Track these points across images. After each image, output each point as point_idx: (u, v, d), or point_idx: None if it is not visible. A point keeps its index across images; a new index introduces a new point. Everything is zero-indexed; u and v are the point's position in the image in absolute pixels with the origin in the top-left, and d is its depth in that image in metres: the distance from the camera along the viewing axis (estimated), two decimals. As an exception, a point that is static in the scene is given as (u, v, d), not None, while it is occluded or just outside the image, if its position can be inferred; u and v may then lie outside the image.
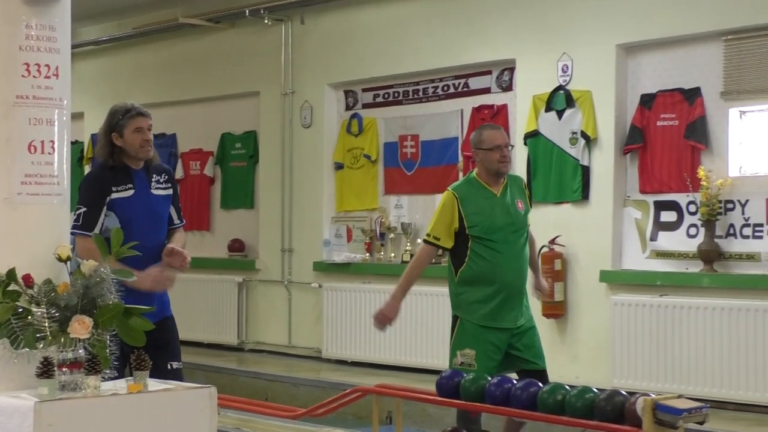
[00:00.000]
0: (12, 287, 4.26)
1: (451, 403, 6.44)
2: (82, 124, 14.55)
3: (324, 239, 11.92)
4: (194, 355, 11.49)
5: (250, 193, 13.01)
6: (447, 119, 11.06)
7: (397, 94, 11.56)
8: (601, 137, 9.59)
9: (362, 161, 11.77)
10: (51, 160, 4.56)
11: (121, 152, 5.94)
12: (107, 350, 4.29)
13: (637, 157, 9.51)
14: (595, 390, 5.88)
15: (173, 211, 6.20)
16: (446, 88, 11.09)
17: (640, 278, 9.35)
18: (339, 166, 11.98)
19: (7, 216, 4.43)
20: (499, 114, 10.50)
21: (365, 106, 11.86)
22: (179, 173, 13.27)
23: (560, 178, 9.81)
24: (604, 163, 9.58)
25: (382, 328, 6.89)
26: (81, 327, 4.18)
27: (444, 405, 6.71)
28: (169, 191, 6.16)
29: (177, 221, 6.24)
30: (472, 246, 6.55)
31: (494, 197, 6.63)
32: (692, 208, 9.12)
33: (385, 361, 11.03)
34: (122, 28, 14.10)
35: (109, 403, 4.12)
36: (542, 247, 9.79)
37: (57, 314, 4.24)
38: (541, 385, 6.05)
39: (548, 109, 9.92)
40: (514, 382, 6.19)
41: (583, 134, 9.65)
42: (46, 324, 4.22)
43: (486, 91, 10.73)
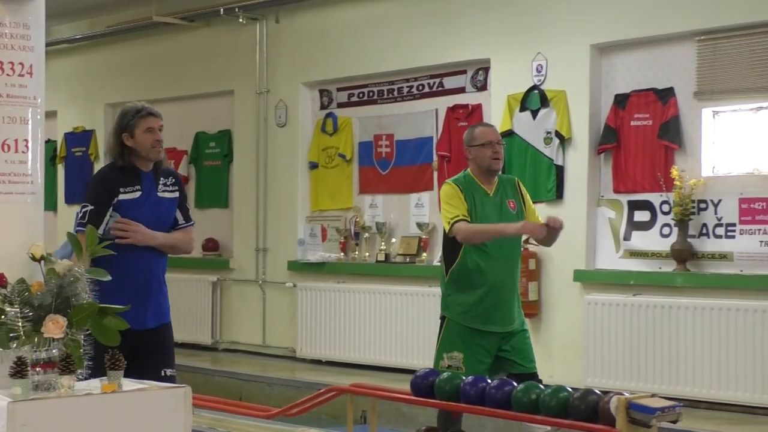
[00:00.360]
0: (-15, 287, 4.25)
1: (426, 403, 6.46)
2: (54, 123, 14.49)
3: (298, 239, 11.92)
4: (168, 354, 11.44)
5: (225, 192, 13.00)
6: (422, 119, 11.07)
7: (371, 94, 11.56)
8: (576, 137, 9.62)
9: (337, 160, 11.77)
10: (25, 159, 4.55)
11: (131, 153, 5.95)
12: (81, 350, 4.27)
13: (611, 157, 9.55)
14: (569, 389, 5.90)
15: (179, 213, 6.21)
16: (421, 87, 11.10)
17: (613, 277, 9.39)
18: (314, 166, 11.97)
19: (-19, 215, 4.41)
20: (474, 114, 10.52)
21: (340, 105, 11.86)
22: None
23: (534, 178, 9.83)
24: (578, 163, 9.62)
25: (541, 232, 6.50)
26: (55, 327, 4.17)
27: (419, 404, 6.72)
28: (176, 194, 6.17)
29: (182, 221, 6.23)
30: (464, 245, 6.49)
31: (487, 196, 6.62)
32: (665, 207, 9.17)
33: (359, 361, 11.04)
34: (95, 27, 14.04)
35: (83, 403, 4.11)
36: (517, 246, 9.83)
37: (31, 314, 4.22)
38: (515, 384, 6.08)
39: (523, 108, 9.95)
40: (489, 381, 6.21)
41: (558, 134, 9.68)
42: (20, 323, 4.20)
43: (461, 90, 10.75)
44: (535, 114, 9.86)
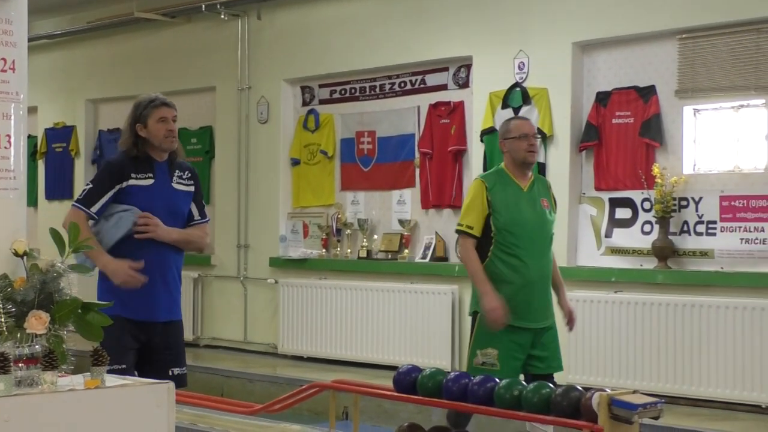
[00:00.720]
0: (-32, 283, 4.22)
1: (408, 399, 6.46)
2: (35, 119, 14.44)
3: (280, 235, 11.92)
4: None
5: (206, 188, 12.95)
6: (404, 116, 11.08)
7: (354, 91, 11.56)
8: (557, 134, 9.64)
9: (319, 157, 11.77)
10: (7, 155, 4.51)
11: (145, 143, 5.94)
12: (64, 345, 4.25)
13: (593, 155, 9.58)
14: (551, 385, 5.92)
15: (194, 208, 6.15)
16: (403, 84, 11.11)
17: (595, 274, 9.42)
18: (295, 162, 11.97)
19: (-37, 210, 4.39)
20: (456, 111, 10.53)
21: (322, 102, 11.86)
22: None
23: (516, 175, 9.84)
24: (559, 160, 9.64)
25: (501, 323, 6.35)
26: (38, 322, 4.15)
27: (401, 401, 6.73)
28: (191, 188, 6.12)
29: (198, 217, 6.17)
30: (496, 239, 6.37)
31: (521, 191, 6.48)
32: (647, 205, 9.20)
33: (341, 357, 11.05)
34: (76, 22, 14.00)
35: (66, 399, 4.08)
36: (498, 243, 9.85)
37: (13, 309, 4.19)
38: (498, 380, 6.09)
39: (505, 106, 9.97)
40: (472, 377, 6.22)
41: (539, 131, 9.68)
42: (2, 319, 4.17)
43: (443, 87, 10.76)
44: (517, 111, 9.87)
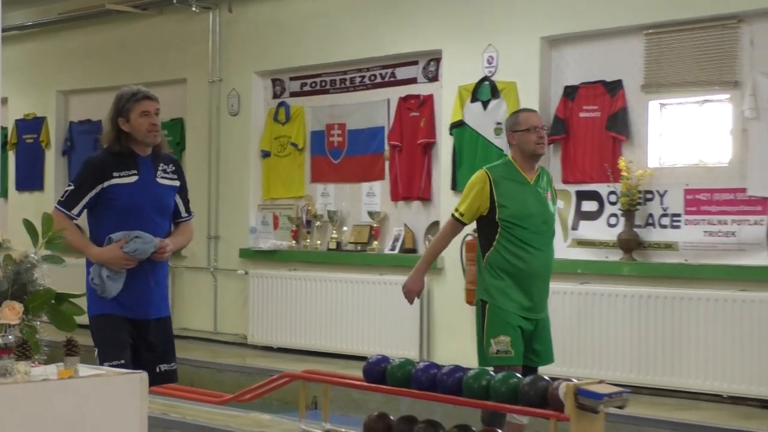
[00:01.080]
0: (-59, 273, 4.21)
1: (378, 389, 6.49)
2: (6, 110, 14.36)
3: (250, 227, 11.91)
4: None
5: (177, 180, 12.92)
6: (374, 108, 11.09)
7: (324, 83, 11.56)
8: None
9: (289, 149, 11.77)
10: (-19, 146, 4.51)
11: (127, 138, 5.72)
12: (37, 336, 4.25)
13: (560, 148, 9.63)
14: (519, 375, 5.96)
15: (180, 204, 6.01)
16: (373, 77, 11.12)
17: (561, 266, 9.41)
18: (266, 154, 11.96)
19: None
20: (426, 104, 10.56)
21: (293, 94, 11.86)
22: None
23: (485, 168, 9.88)
24: (527, 154, 9.65)
25: (410, 301, 6.57)
26: (11, 313, 4.14)
27: (371, 390, 6.76)
28: (176, 182, 5.96)
29: (184, 214, 6.04)
30: (501, 231, 6.29)
31: (527, 184, 6.39)
32: (613, 198, 9.26)
33: (310, 348, 11.05)
34: (48, 14, 13.92)
35: (39, 389, 4.08)
36: (466, 235, 9.87)
37: (-13, 300, 4.19)
38: (466, 370, 6.12)
39: (473, 99, 10.00)
40: (441, 367, 6.25)
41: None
42: (-24, 310, 4.17)
43: (412, 81, 10.78)
44: (485, 105, 9.91)
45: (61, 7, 13.58)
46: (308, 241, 11.53)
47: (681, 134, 9.10)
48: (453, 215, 6.46)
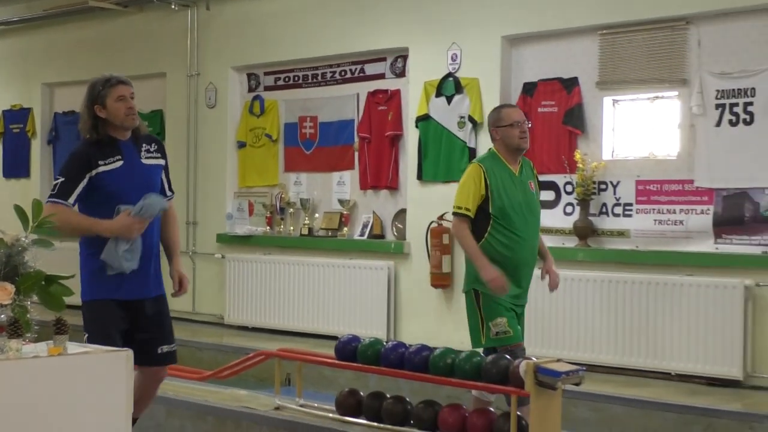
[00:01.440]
0: (-65, 255, 4.17)
1: (349, 366, 6.51)
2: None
3: (227, 213, 11.86)
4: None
5: (157, 169, 12.84)
6: (344, 102, 11.06)
7: (297, 78, 11.52)
8: (487, 121, 9.67)
9: (264, 140, 11.72)
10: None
11: (105, 124, 5.47)
12: (28, 315, 4.22)
13: (520, 141, 9.62)
14: (482, 354, 5.99)
15: (164, 182, 5.78)
16: (343, 73, 11.09)
17: (520, 252, 9.47)
18: (242, 145, 11.91)
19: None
20: (393, 98, 10.54)
21: (267, 88, 11.81)
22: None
23: (449, 159, 9.90)
24: (489, 145, 9.57)
25: (507, 289, 6.15)
26: (3, 293, 4.11)
27: (342, 368, 6.77)
28: (161, 161, 5.73)
29: (168, 193, 5.82)
30: (492, 222, 6.20)
31: (513, 175, 6.34)
32: (569, 188, 9.28)
33: (283, 327, 11.03)
34: (33, 10, 13.76)
35: (30, 365, 4.06)
36: (431, 222, 9.90)
37: (-20, 281, 4.16)
38: (432, 349, 6.14)
39: (438, 94, 9.99)
40: (408, 346, 6.27)
41: (471, 118, 9.75)
42: (-31, 290, 4.13)
43: (381, 76, 10.76)
44: (450, 100, 9.91)
45: (45, 3, 13.43)
46: (282, 227, 11.51)
47: (633, 129, 9.13)
48: (458, 213, 6.27)
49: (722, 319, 8.21)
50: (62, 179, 5.43)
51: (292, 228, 11.39)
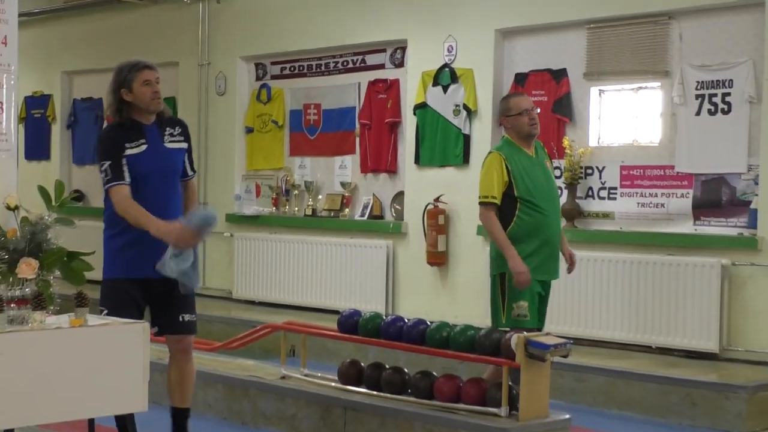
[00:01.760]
0: (-36, 233, 4.19)
1: (351, 339, 6.53)
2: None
3: (235, 194, 11.87)
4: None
5: (170, 152, 12.82)
6: (346, 91, 11.04)
7: (302, 68, 11.50)
8: (481, 110, 9.69)
9: (270, 126, 11.71)
10: (0, 119, 4.48)
11: (131, 108, 5.33)
12: (51, 289, 4.25)
13: (511, 128, 9.62)
14: (476, 328, 6.00)
15: (186, 163, 5.62)
16: (345, 63, 11.07)
17: (511, 232, 9.48)
18: (249, 130, 11.90)
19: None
20: (392, 87, 10.53)
21: (273, 77, 11.79)
22: (105, 133, 13.05)
23: (444, 145, 9.90)
24: (482, 132, 9.69)
25: (529, 282, 6.12)
26: (28, 268, 4.14)
27: (345, 340, 6.79)
28: (184, 144, 5.57)
29: (190, 172, 5.65)
30: (520, 205, 6.11)
31: (531, 158, 6.25)
32: (557, 172, 9.24)
33: (288, 302, 11.05)
34: (53, 2, 13.76)
35: (53, 336, 4.09)
36: (428, 204, 9.91)
37: (6, 257, 4.18)
38: (428, 323, 6.15)
39: (435, 84, 9.98)
40: (406, 320, 6.28)
41: (465, 107, 9.74)
42: (-4, 266, 4.16)
43: (381, 67, 10.74)
44: (446, 89, 9.90)
45: (66, -4, 13.43)
46: (287, 207, 11.51)
47: (618, 117, 9.13)
48: (485, 203, 6.15)
49: (700, 296, 8.23)
50: (108, 162, 5.25)
51: (296, 209, 11.40)
